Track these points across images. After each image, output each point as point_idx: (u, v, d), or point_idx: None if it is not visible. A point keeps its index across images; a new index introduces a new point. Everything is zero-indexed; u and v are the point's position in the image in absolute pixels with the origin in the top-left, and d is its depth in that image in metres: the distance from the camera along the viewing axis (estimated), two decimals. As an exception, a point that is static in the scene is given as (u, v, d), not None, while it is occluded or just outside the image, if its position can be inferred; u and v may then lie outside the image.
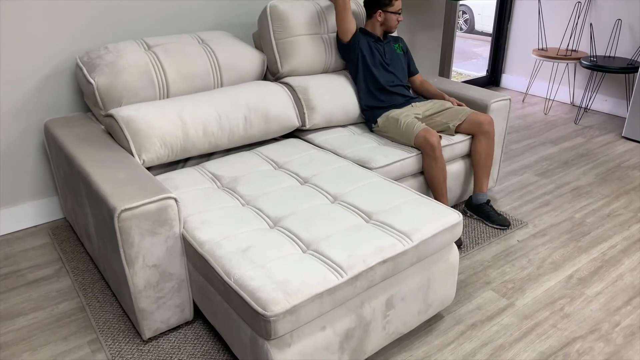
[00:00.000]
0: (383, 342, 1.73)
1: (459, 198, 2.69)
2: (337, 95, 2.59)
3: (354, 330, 1.60)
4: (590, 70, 4.27)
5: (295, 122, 2.48)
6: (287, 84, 2.60)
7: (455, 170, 2.55)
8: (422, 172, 2.43)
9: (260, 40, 2.68)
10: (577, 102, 4.49)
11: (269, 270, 1.48)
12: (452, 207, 2.62)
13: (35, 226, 2.61)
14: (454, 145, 2.48)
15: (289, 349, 1.45)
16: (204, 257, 1.61)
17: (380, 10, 2.61)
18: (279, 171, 2.14)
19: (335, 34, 2.72)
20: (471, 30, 8.25)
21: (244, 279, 1.46)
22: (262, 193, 1.94)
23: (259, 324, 1.39)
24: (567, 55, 4.11)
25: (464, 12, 8.23)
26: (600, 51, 4.21)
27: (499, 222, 2.55)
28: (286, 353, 1.45)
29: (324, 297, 1.45)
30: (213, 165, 2.19)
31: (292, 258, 1.54)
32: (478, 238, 2.47)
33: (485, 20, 7.95)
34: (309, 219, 1.74)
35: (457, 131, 2.53)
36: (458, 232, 1.79)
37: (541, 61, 4.60)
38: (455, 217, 1.77)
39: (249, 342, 1.52)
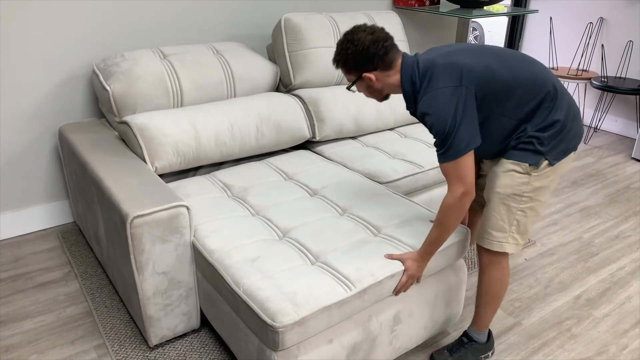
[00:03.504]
0: (389, 357, 1.72)
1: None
2: (348, 106, 2.61)
3: (360, 344, 1.59)
4: (600, 91, 4.27)
5: (306, 134, 2.50)
6: (297, 96, 2.62)
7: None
8: (428, 188, 2.43)
9: (273, 52, 2.71)
10: (587, 122, 4.49)
11: (278, 281, 1.49)
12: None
13: (45, 229, 2.63)
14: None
15: (295, 361, 1.45)
16: (213, 266, 1.62)
17: None
18: (289, 182, 2.15)
19: None
20: (481, 47, 8.27)
21: (252, 289, 1.47)
22: (271, 203, 1.95)
23: (267, 335, 1.40)
24: (577, 75, 4.12)
25: (474, 29, 8.27)
26: (611, 72, 4.21)
27: None
28: (293, 365, 1.45)
29: (333, 309, 1.45)
30: (224, 174, 2.20)
31: (301, 269, 1.55)
32: (485, 255, 2.47)
33: (495, 37, 7.97)
34: (318, 230, 1.75)
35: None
36: (465, 247, 1.79)
37: (551, 80, 4.61)
38: (463, 231, 1.77)
39: (256, 352, 1.52)
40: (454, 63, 1.48)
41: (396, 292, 1.60)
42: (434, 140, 1.50)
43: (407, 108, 1.61)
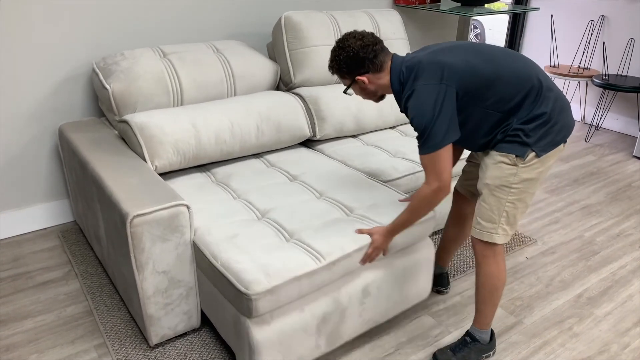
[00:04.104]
0: (360, 329, 1.81)
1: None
2: (348, 105, 2.60)
3: (331, 314, 1.68)
4: (601, 89, 4.26)
5: (306, 132, 2.49)
6: (298, 94, 2.61)
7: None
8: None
9: (274, 50, 2.70)
10: (588, 120, 4.48)
11: (254, 256, 1.58)
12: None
13: (45, 228, 2.62)
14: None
15: (268, 327, 1.55)
16: (194, 243, 1.71)
17: None
18: (271, 169, 2.26)
19: None
20: (482, 45, 8.25)
21: (230, 262, 1.56)
22: (253, 188, 2.05)
23: (242, 303, 1.50)
24: (579, 73, 4.11)
25: (474, 27, 8.25)
26: (613, 70, 4.20)
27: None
28: (265, 331, 1.55)
29: (303, 280, 1.55)
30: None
31: (276, 245, 1.64)
32: (486, 254, 2.46)
33: (497, 35, 7.96)
34: (295, 211, 1.84)
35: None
36: (430, 226, 1.87)
37: (553, 78, 4.60)
38: (430, 213, 1.84)
39: (232, 320, 1.62)
40: (436, 61, 1.55)
41: (362, 261, 1.70)
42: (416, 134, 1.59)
43: (399, 108, 1.68)
